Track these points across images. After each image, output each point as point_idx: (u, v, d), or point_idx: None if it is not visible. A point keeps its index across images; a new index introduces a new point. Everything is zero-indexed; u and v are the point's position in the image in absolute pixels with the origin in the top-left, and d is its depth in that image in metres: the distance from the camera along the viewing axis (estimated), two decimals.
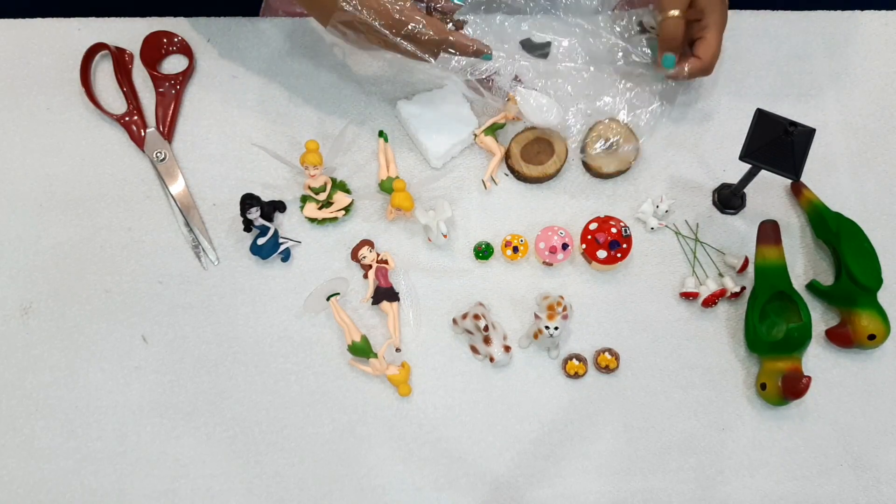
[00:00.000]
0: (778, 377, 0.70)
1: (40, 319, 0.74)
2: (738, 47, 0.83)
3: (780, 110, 0.68)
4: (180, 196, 0.77)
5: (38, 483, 0.71)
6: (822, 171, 0.79)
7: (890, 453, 0.72)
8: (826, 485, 0.72)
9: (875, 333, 0.71)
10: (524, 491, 0.71)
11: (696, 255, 0.77)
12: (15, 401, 0.73)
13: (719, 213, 0.78)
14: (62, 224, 0.77)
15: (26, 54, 0.81)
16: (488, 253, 0.76)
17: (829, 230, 0.74)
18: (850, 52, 0.83)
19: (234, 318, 0.74)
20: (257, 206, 0.74)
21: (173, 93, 0.80)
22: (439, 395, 0.73)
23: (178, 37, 0.81)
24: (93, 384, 0.73)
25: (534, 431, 0.72)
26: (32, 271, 0.75)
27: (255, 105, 0.80)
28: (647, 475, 0.72)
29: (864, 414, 0.73)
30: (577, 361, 0.73)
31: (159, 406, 0.73)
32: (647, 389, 0.73)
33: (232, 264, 0.76)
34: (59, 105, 0.80)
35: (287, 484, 0.71)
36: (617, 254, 0.73)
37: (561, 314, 0.69)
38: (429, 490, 0.71)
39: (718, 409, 0.73)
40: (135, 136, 0.79)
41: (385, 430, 0.72)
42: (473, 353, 0.73)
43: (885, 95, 0.82)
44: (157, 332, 0.74)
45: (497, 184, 0.78)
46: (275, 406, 0.73)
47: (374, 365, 0.71)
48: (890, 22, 0.84)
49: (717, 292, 0.73)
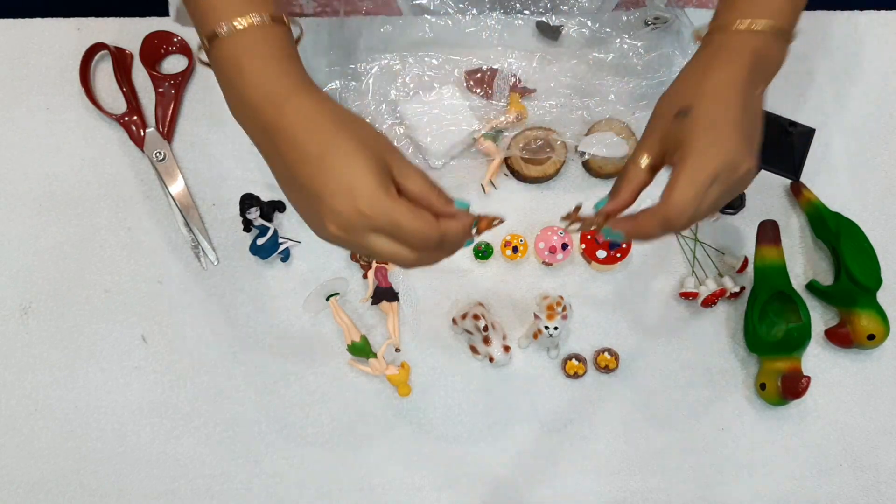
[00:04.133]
0: (777, 377, 0.70)
1: (40, 319, 0.74)
2: None
3: (780, 110, 0.67)
4: (180, 196, 0.77)
5: (38, 483, 0.71)
6: (821, 171, 0.79)
7: (890, 453, 0.72)
8: (826, 485, 0.72)
9: (874, 333, 0.71)
10: (524, 491, 0.71)
11: (696, 255, 0.77)
12: (14, 401, 0.73)
13: (719, 212, 0.78)
14: (62, 224, 0.77)
15: (26, 54, 0.81)
16: (488, 253, 0.76)
17: (829, 230, 0.74)
18: (850, 52, 0.83)
19: (234, 318, 0.74)
20: (257, 206, 0.74)
21: (173, 93, 0.80)
22: (439, 395, 0.73)
23: (178, 37, 0.81)
24: (92, 384, 0.73)
25: (533, 431, 0.72)
26: (32, 271, 0.75)
27: None
28: (647, 475, 0.72)
29: (864, 414, 0.73)
30: (577, 361, 0.73)
31: (159, 406, 0.73)
32: (646, 389, 0.73)
33: (232, 264, 0.76)
34: (59, 105, 0.80)
35: (287, 484, 0.71)
36: (617, 254, 0.73)
37: (560, 314, 0.69)
38: (429, 490, 0.71)
39: (718, 409, 0.73)
40: (134, 136, 0.78)
41: (385, 430, 0.72)
42: (473, 353, 0.73)
43: (885, 95, 0.82)
44: (156, 332, 0.74)
45: (496, 188, 0.78)
46: (275, 406, 0.73)
47: (373, 365, 0.71)
48: (890, 22, 0.84)
49: (717, 292, 0.73)
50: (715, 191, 0.51)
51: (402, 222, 0.47)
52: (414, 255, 0.49)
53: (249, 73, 0.50)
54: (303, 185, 0.48)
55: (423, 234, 0.48)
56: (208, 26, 0.50)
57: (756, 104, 0.54)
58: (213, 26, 0.50)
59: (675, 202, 0.51)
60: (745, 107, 0.53)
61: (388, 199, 0.47)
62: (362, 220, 0.47)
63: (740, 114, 0.52)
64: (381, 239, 0.48)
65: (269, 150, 0.51)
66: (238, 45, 0.50)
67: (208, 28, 0.50)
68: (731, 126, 0.52)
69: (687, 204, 0.51)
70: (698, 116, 0.52)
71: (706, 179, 0.51)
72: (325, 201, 0.47)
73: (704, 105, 0.52)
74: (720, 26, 0.55)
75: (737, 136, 0.51)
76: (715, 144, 0.51)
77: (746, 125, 0.52)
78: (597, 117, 0.78)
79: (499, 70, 0.79)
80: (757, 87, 0.54)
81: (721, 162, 0.51)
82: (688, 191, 0.51)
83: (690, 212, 0.51)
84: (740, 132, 0.52)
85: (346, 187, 0.47)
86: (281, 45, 0.51)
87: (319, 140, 0.48)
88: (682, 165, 0.51)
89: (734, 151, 0.51)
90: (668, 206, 0.51)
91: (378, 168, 0.48)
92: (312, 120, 0.49)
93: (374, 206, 0.47)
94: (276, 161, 0.51)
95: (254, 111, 0.50)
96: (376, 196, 0.47)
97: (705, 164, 0.51)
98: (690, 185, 0.51)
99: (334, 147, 0.48)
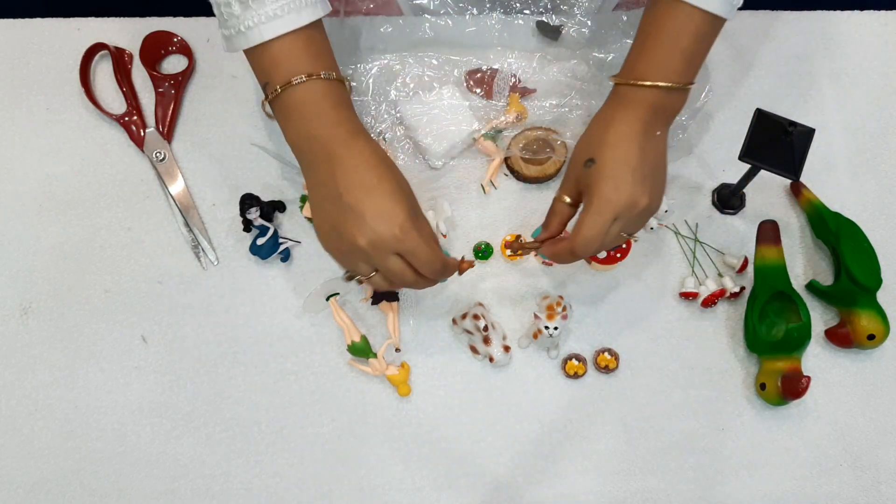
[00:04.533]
0: (777, 377, 0.70)
1: (40, 319, 0.74)
2: (738, 47, 0.83)
3: (779, 110, 0.67)
4: (180, 196, 0.77)
5: (38, 483, 0.71)
6: (821, 171, 0.79)
7: (889, 453, 0.72)
8: (826, 485, 0.72)
9: (874, 333, 0.71)
10: (524, 491, 0.71)
11: (696, 255, 0.77)
12: (14, 401, 0.73)
13: (719, 213, 0.78)
14: (62, 224, 0.77)
15: (26, 54, 0.81)
16: (488, 253, 0.76)
17: (829, 230, 0.74)
18: (850, 52, 0.83)
19: (234, 318, 0.74)
20: (257, 206, 0.74)
21: (173, 93, 0.80)
22: (439, 395, 0.73)
23: (178, 37, 0.81)
24: (92, 384, 0.73)
25: (533, 431, 0.72)
26: (32, 271, 0.75)
27: (255, 105, 0.80)
28: (647, 475, 0.72)
29: (864, 414, 0.73)
30: (577, 361, 0.73)
31: (159, 406, 0.73)
32: (646, 389, 0.73)
33: (231, 264, 0.76)
34: (59, 105, 0.80)
35: (287, 484, 0.71)
36: (617, 254, 0.73)
37: (560, 314, 0.69)
38: (429, 490, 0.71)
39: (718, 409, 0.73)
40: (134, 137, 0.79)
41: (385, 430, 0.72)
42: (473, 353, 0.73)
43: (885, 95, 0.82)
44: (156, 332, 0.74)
45: (496, 188, 0.78)
46: (274, 406, 0.73)
47: (373, 365, 0.71)
48: (890, 22, 0.84)
49: (717, 292, 0.73)
50: (617, 227, 0.62)
51: (420, 250, 0.61)
52: (415, 278, 0.63)
53: (321, 115, 0.62)
54: (349, 204, 0.60)
55: (432, 263, 0.62)
56: (282, 76, 0.62)
57: (656, 146, 0.64)
58: (288, 76, 0.61)
59: (581, 237, 0.62)
60: (642, 153, 0.62)
61: (415, 231, 0.61)
62: (392, 241, 0.60)
63: (638, 160, 0.62)
64: (397, 260, 0.61)
65: (325, 174, 0.62)
66: (311, 92, 0.62)
67: (282, 77, 0.61)
68: (630, 172, 0.61)
69: (591, 240, 0.61)
70: (601, 165, 0.62)
71: (608, 219, 0.61)
72: (366, 220, 0.60)
73: (606, 154, 0.62)
74: (622, 82, 0.64)
75: (633, 181, 0.61)
76: (615, 190, 0.61)
77: (645, 168, 0.62)
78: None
79: (499, 70, 0.79)
80: (655, 131, 0.64)
81: (620, 204, 0.61)
82: (592, 229, 0.61)
83: (595, 245, 0.62)
84: (637, 176, 0.61)
85: (388, 214, 0.60)
86: (343, 95, 0.64)
87: (372, 175, 0.61)
88: (589, 207, 0.62)
89: (631, 194, 0.61)
90: (576, 241, 0.62)
91: (410, 206, 0.62)
92: (368, 159, 0.62)
93: (405, 233, 0.60)
94: (328, 183, 0.62)
95: (321, 145, 0.62)
96: (407, 227, 0.60)
97: (606, 206, 0.61)
98: (594, 225, 0.61)
99: (383, 182, 0.61)
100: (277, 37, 0.61)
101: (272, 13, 0.60)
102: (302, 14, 0.61)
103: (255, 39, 0.61)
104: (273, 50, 0.62)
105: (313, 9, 0.62)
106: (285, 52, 0.62)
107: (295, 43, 0.62)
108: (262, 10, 0.60)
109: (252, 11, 0.60)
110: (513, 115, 0.77)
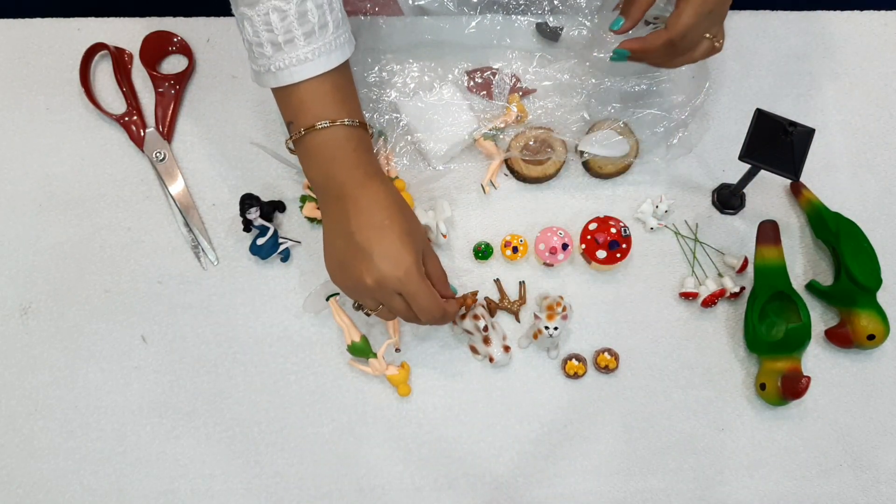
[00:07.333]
0: (777, 377, 0.70)
1: (40, 319, 0.74)
2: (738, 47, 0.83)
3: (779, 110, 0.68)
4: (180, 196, 0.77)
5: (38, 483, 0.71)
6: (821, 171, 0.79)
7: (889, 453, 0.72)
8: (825, 485, 0.72)
9: (874, 333, 0.71)
10: (524, 491, 0.71)
11: (696, 255, 0.77)
12: (14, 401, 0.73)
13: (719, 213, 0.78)
14: (62, 224, 0.77)
15: (26, 54, 0.81)
16: (488, 253, 0.76)
17: (829, 230, 0.74)
18: (849, 52, 0.83)
19: (234, 318, 0.74)
20: (257, 206, 0.74)
21: (173, 93, 0.80)
22: (439, 395, 0.73)
23: (178, 37, 0.81)
24: (92, 384, 0.73)
25: (533, 431, 0.72)
26: (32, 271, 0.75)
27: (255, 105, 0.80)
28: (647, 475, 0.72)
29: (864, 414, 0.73)
30: (577, 361, 0.73)
31: (159, 406, 0.73)
32: (646, 389, 0.73)
33: (231, 264, 0.76)
34: (59, 105, 0.80)
35: (287, 484, 0.71)
36: (616, 254, 0.73)
37: (560, 314, 0.69)
38: (429, 490, 0.71)
39: (718, 409, 0.73)
40: (134, 136, 0.79)
41: (385, 430, 0.72)
42: (473, 353, 0.73)
43: (885, 95, 0.82)
44: (156, 332, 0.74)
45: (496, 188, 0.78)
46: (274, 406, 0.73)
47: (373, 365, 0.71)
48: (890, 22, 0.84)
49: (717, 292, 0.73)
50: (709, 20, 0.64)
51: (421, 297, 0.63)
52: (417, 318, 0.65)
53: (341, 158, 0.64)
54: (359, 243, 0.62)
55: (431, 311, 0.64)
56: (308, 119, 0.63)
57: None
58: (313, 120, 0.63)
59: (681, 24, 0.63)
60: None
61: (419, 276, 0.63)
62: (396, 283, 0.62)
63: None
64: (401, 300, 0.64)
65: (339, 213, 0.64)
66: (333, 137, 0.64)
67: (308, 121, 0.63)
68: None
69: (691, 27, 0.63)
70: None
71: (708, 8, 0.63)
72: (374, 260, 0.62)
73: None
74: None
75: None
76: None
77: None
78: (597, 117, 0.78)
79: (499, 70, 0.79)
80: None
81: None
82: (691, 17, 0.63)
83: (693, 36, 0.64)
84: None
85: (395, 256, 0.62)
86: (363, 139, 0.66)
87: (385, 216, 0.63)
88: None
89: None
90: (676, 28, 0.63)
91: (417, 251, 0.64)
92: (381, 200, 0.64)
93: (409, 277, 0.62)
94: (341, 221, 0.64)
95: (338, 185, 0.64)
96: (412, 271, 0.62)
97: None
98: (693, 13, 0.63)
99: (394, 225, 0.63)
100: (306, 80, 0.62)
101: (304, 56, 0.61)
102: (332, 57, 0.62)
103: (285, 80, 0.62)
104: (301, 92, 0.63)
105: (342, 51, 0.63)
106: (312, 96, 0.63)
107: (323, 87, 0.63)
108: (293, 54, 0.61)
109: (284, 54, 0.61)
110: (513, 116, 0.77)
